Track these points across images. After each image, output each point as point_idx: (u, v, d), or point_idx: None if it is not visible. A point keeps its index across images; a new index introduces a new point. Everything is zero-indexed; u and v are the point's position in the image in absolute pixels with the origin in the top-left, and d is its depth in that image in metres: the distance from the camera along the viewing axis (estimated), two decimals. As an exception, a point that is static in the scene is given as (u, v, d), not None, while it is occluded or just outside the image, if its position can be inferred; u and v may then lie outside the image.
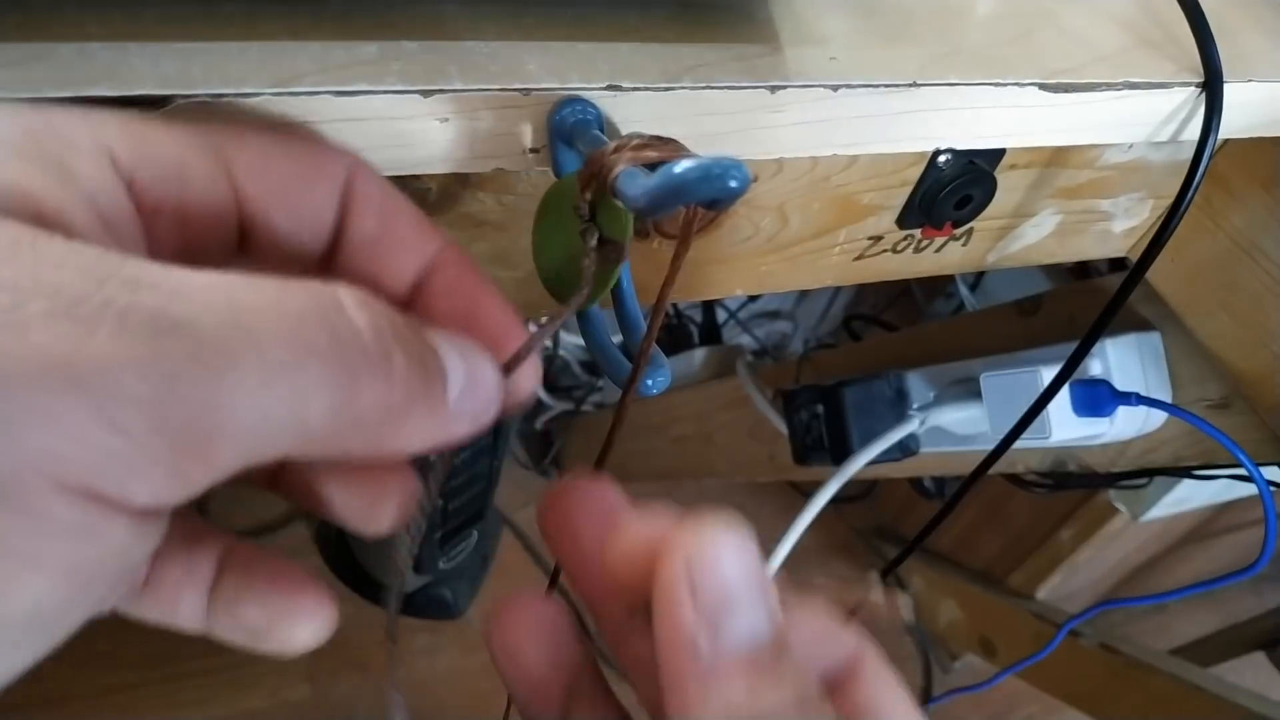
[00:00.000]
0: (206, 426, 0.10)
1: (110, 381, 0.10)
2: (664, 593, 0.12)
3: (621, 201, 0.15)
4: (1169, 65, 0.23)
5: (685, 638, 0.12)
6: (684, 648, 0.12)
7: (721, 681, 0.12)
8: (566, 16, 0.18)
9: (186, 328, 0.10)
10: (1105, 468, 0.45)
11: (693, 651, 0.12)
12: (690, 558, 0.12)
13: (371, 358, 0.12)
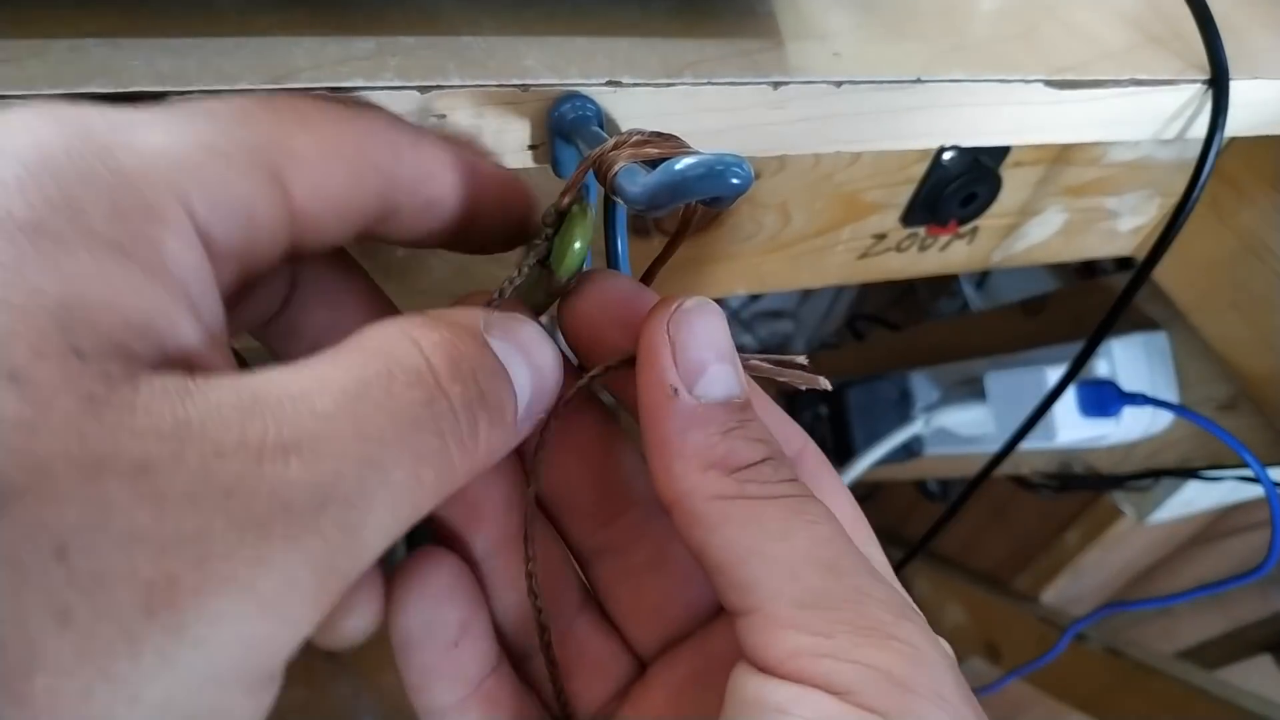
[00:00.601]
0: (354, 574, 0.11)
1: (289, 590, 0.10)
2: (647, 345, 0.13)
3: (621, 198, 0.14)
4: (1176, 62, 0.23)
5: (664, 384, 0.13)
6: (662, 393, 0.13)
7: (697, 424, 0.13)
8: (566, 11, 0.18)
9: (336, 497, 0.10)
10: (1111, 469, 0.44)
11: (669, 396, 0.13)
12: (672, 316, 0.13)
13: (464, 439, 0.12)
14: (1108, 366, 0.38)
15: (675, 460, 0.13)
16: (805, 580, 0.12)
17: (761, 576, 0.12)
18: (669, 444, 0.13)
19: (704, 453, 0.13)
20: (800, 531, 0.12)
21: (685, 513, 0.13)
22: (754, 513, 0.12)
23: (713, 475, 0.12)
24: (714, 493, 0.12)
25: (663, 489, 0.13)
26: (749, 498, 0.12)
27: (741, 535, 0.12)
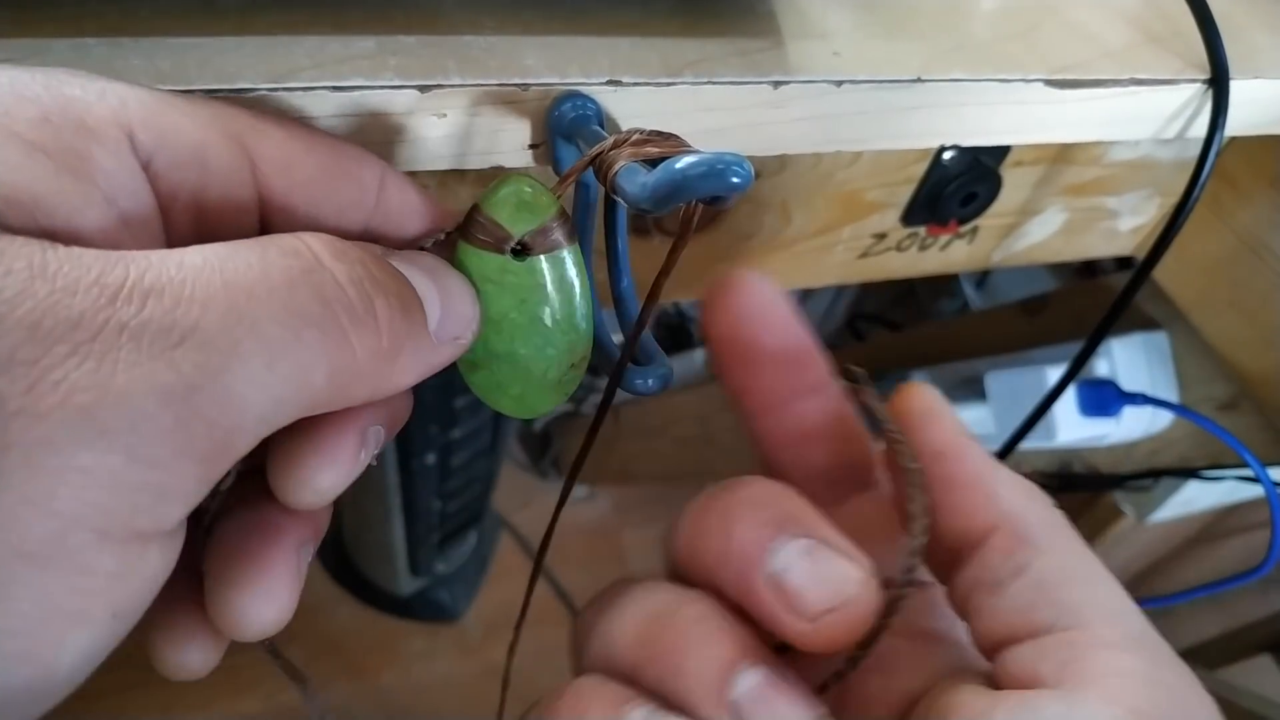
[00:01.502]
0: (226, 427, 0.11)
1: (137, 419, 0.10)
2: (926, 408, 0.14)
3: (622, 197, 0.14)
4: (1176, 61, 0.23)
5: (963, 431, 0.14)
6: (965, 437, 0.14)
7: (1000, 466, 0.14)
8: (566, 10, 0.18)
9: (194, 334, 0.10)
10: (1111, 469, 0.44)
11: (972, 439, 0.14)
12: (933, 394, 0.15)
13: (357, 312, 0.12)
14: (1108, 366, 0.38)
15: (1000, 486, 0.13)
16: (1130, 616, 0.12)
17: (1093, 600, 0.12)
18: (988, 475, 0.14)
19: (1022, 484, 0.14)
20: (1114, 578, 0.13)
21: (1013, 534, 0.13)
22: (1079, 546, 0.13)
23: (1036, 504, 0.13)
24: (1042, 518, 0.13)
25: (983, 514, 0.13)
26: (1069, 533, 0.13)
27: (1075, 561, 0.13)
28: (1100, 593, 0.13)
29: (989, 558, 0.13)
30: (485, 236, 0.15)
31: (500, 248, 0.15)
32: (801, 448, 0.16)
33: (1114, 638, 0.12)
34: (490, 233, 0.15)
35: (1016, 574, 0.13)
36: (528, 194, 0.15)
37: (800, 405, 0.15)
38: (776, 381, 0.15)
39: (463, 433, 0.71)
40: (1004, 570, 0.13)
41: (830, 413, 0.16)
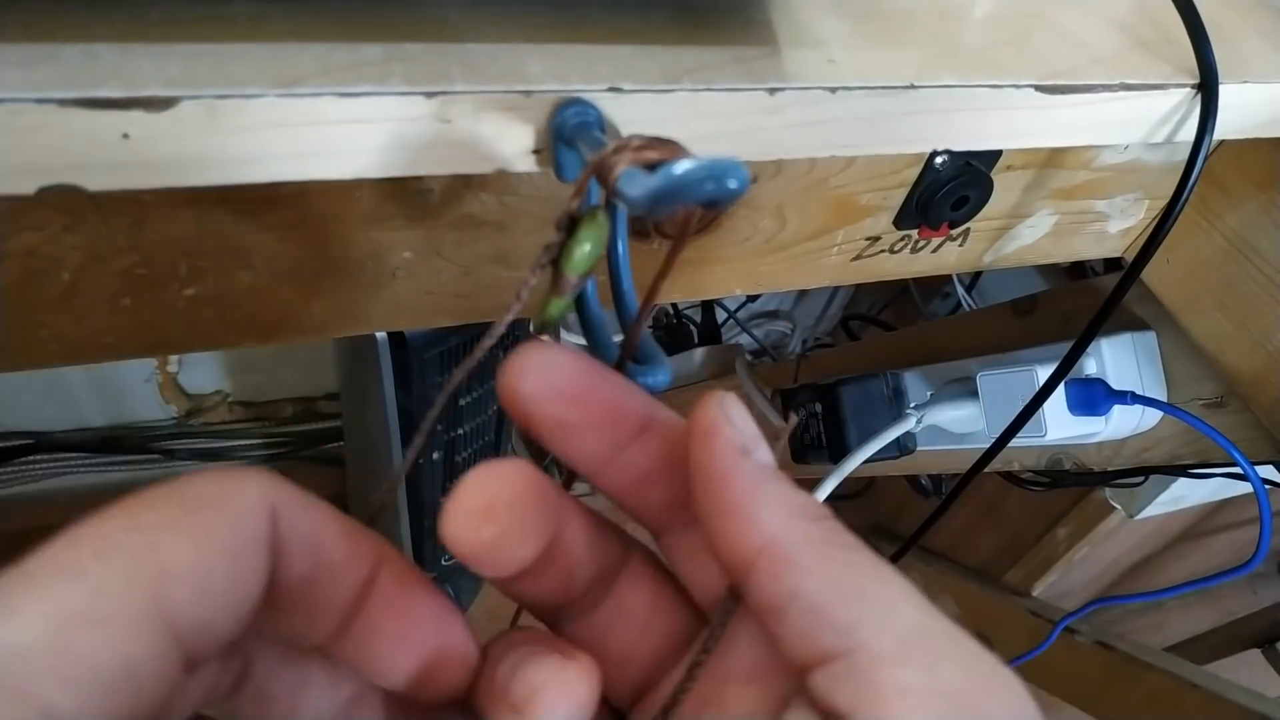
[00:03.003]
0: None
1: None
2: (706, 420, 0.14)
3: (623, 201, 0.15)
4: (1165, 66, 0.24)
5: (734, 448, 0.13)
6: (734, 455, 0.13)
7: (772, 479, 0.13)
8: (568, 19, 0.19)
9: None
10: (1101, 466, 0.45)
11: (743, 455, 0.13)
12: (723, 402, 0.14)
13: None
14: (1097, 365, 0.39)
15: (762, 509, 0.13)
16: (906, 616, 0.12)
17: (864, 615, 0.12)
18: (752, 495, 0.13)
19: (788, 501, 0.13)
20: (890, 579, 0.12)
21: (775, 558, 0.13)
22: (846, 558, 0.13)
23: (803, 522, 0.13)
24: (807, 536, 0.13)
25: (745, 540, 0.13)
26: (839, 544, 0.13)
27: (840, 577, 0.12)
28: (870, 601, 0.12)
29: (761, 584, 0.13)
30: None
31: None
32: (643, 491, 0.15)
33: (889, 649, 0.12)
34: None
35: (790, 599, 0.12)
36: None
37: (627, 455, 0.15)
38: (596, 446, 0.15)
39: (467, 430, 0.71)
40: (777, 596, 0.12)
41: (658, 451, 0.15)
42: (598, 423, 0.15)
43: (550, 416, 0.15)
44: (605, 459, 0.15)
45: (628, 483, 0.15)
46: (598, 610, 0.16)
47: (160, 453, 0.95)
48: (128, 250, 0.22)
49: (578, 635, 0.16)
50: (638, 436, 0.15)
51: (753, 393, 0.65)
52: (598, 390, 0.15)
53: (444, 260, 0.25)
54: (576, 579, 0.15)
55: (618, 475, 0.15)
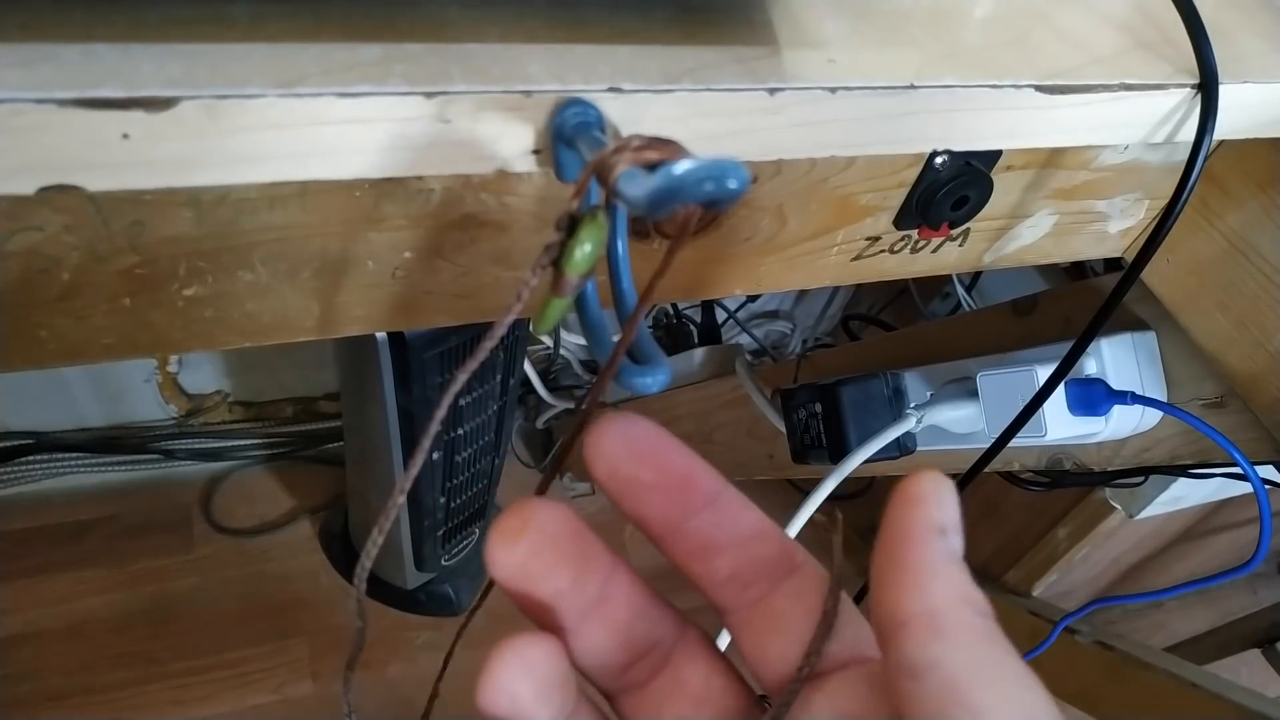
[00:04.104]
0: None
1: None
2: (920, 489, 0.15)
3: (623, 201, 0.15)
4: (1165, 67, 0.24)
5: (935, 524, 0.14)
6: (932, 530, 0.14)
7: (954, 564, 0.14)
8: (568, 19, 0.19)
9: None
10: (1101, 466, 0.45)
11: (938, 535, 0.14)
12: (939, 482, 0.15)
13: None
14: (1097, 365, 0.39)
15: (937, 582, 0.14)
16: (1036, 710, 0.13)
17: (997, 703, 0.13)
18: (932, 568, 0.14)
19: (962, 587, 0.14)
20: (1032, 681, 0.13)
21: (929, 626, 0.13)
22: (998, 653, 0.13)
23: (966, 608, 0.14)
24: (969, 622, 0.14)
25: (909, 601, 0.14)
26: (992, 638, 0.14)
27: (985, 664, 0.13)
28: (1006, 696, 0.13)
29: (908, 644, 0.13)
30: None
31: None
32: (707, 560, 0.16)
33: None
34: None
35: (931, 667, 0.13)
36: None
37: (694, 523, 0.16)
38: (666, 509, 0.16)
39: (467, 430, 0.71)
40: (920, 660, 0.13)
41: (725, 524, 0.16)
42: (670, 486, 0.16)
43: (627, 474, 0.16)
44: (674, 525, 0.16)
45: (693, 551, 0.16)
46: (653, 683, 0.17)
47: (160, 453, 0.96)
48: (127, 250, 0.22)
49: (634, 709, 0.17)
50: (705, 509, 0.16)
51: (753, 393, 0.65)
52: (672, 457, 0.16)
53: (444, 260, 0.25)
54: (628, 639, 0.16)
55: (685, 543, 0.16)
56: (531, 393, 1.01)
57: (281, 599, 0.91)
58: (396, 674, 0.88)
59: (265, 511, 0.97)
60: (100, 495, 0.94)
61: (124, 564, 0.90)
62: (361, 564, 0.16)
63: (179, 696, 0.83)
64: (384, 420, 0.68)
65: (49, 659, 0.82)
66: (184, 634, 0.86)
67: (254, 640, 0.88)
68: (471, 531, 0.87)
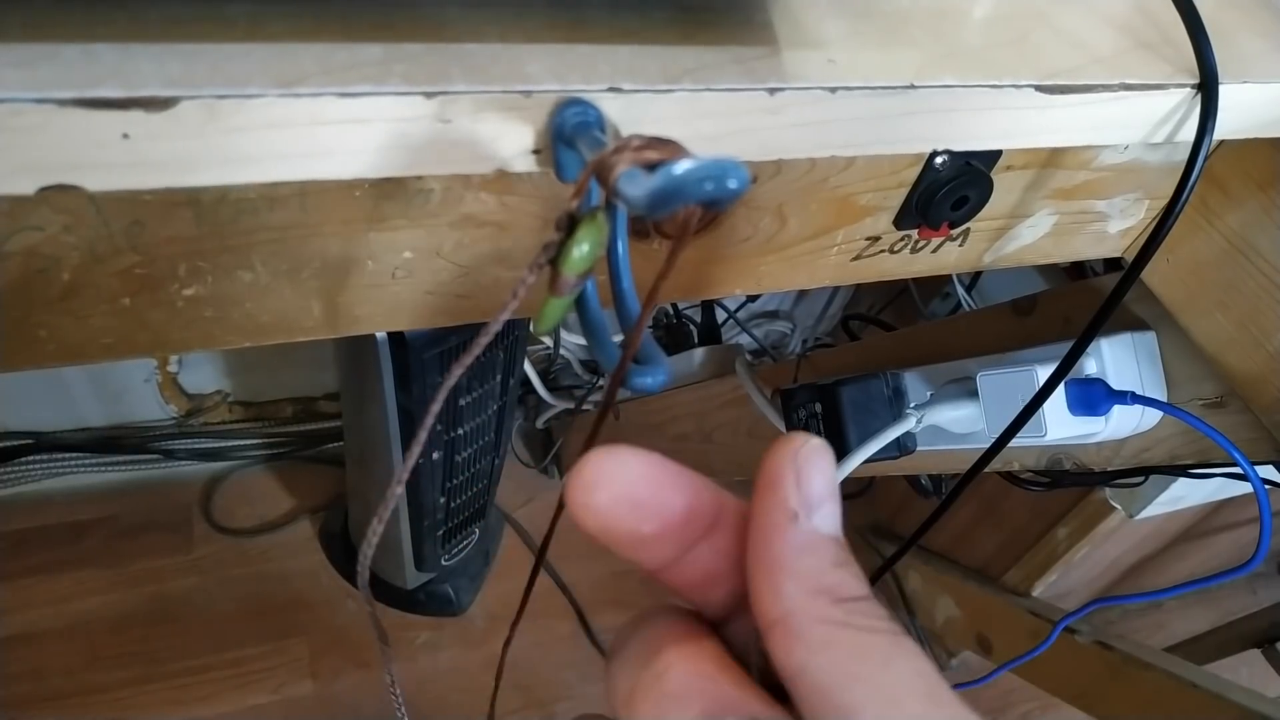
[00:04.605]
0: None
1: None
2: (773, 470, 0.14)
3: (623, 201, 0.15)
4: (1165, 67, 0.24)
5: (787, 507, 0.14)
6: (783, 515, 0.14)
7: (811, 551, 0.14)
8: (568, 19, 0.19)
9: None
10: (1101, 466, 0.45)
11: (790, 519, 0.14)
12: (799, 452, 0.14)
13: None
14: (1097, 365, 0.39)
15: (788, 580, 0.13)
16: (909, 707, 0.12)
17: (864, 700, 0.12)
18: (783, 564, 0.13)
19: (816, 578, 0.13)
20: (900, 662, 0.13)
21: (788, 632, 0.13)
22: (858, 641, 0.13)
23: (822, 600, 0.13)
24: (822, 616, 0.13)
25: (768, 606, 0.13)
26: (854, 627, 0.13)
27: (847, 660, 0.13)
28: (872, 688, 0.12)
29: (774, 652, 0.13)
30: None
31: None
32: (705, 589, 0.16)
33: None
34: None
35: (798, 674, 0.13)
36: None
37: (694, 554, 0.15)
38: (665, 549, 0.15)
39: (467, 430, 0.71)
40: (787, 667, 0.13)
41: (725, 550, 0.15)
42: (671, 532, 0.15)
43: (626, 532, 0.15)
44: (672, 561, 0.15)
45: (692, 582, 0.16)
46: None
47: (160, 453, 0.96)
48: (127, 250, 0.22)
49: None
50: (707, 535, 0.15)
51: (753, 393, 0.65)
52: (669, 494, 0.15)
53: (444, 260, 0.25)
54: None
55: (683, 575, 0.15)
56: (531, 393, 1.01)
57: (281, 599, 0.91)
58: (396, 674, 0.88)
59: (265, 511, 0.97)
60: (100, 495, 0.94)
61: (124, 564, 0.90)
62: (363, 553, 0.16)
63: (179, 696, 0.83)
64: (384, 420, 0.68)
65: (49, 659, 0.82)
66: (184, 634, 0.86)
67: (254, 640, 0.88)
68: (471, 531, 0.87)
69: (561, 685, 0.91)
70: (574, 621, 0.97)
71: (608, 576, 1.01)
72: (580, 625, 0.96)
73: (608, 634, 0.96)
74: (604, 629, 0.96)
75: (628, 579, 1.01)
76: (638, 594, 1.00)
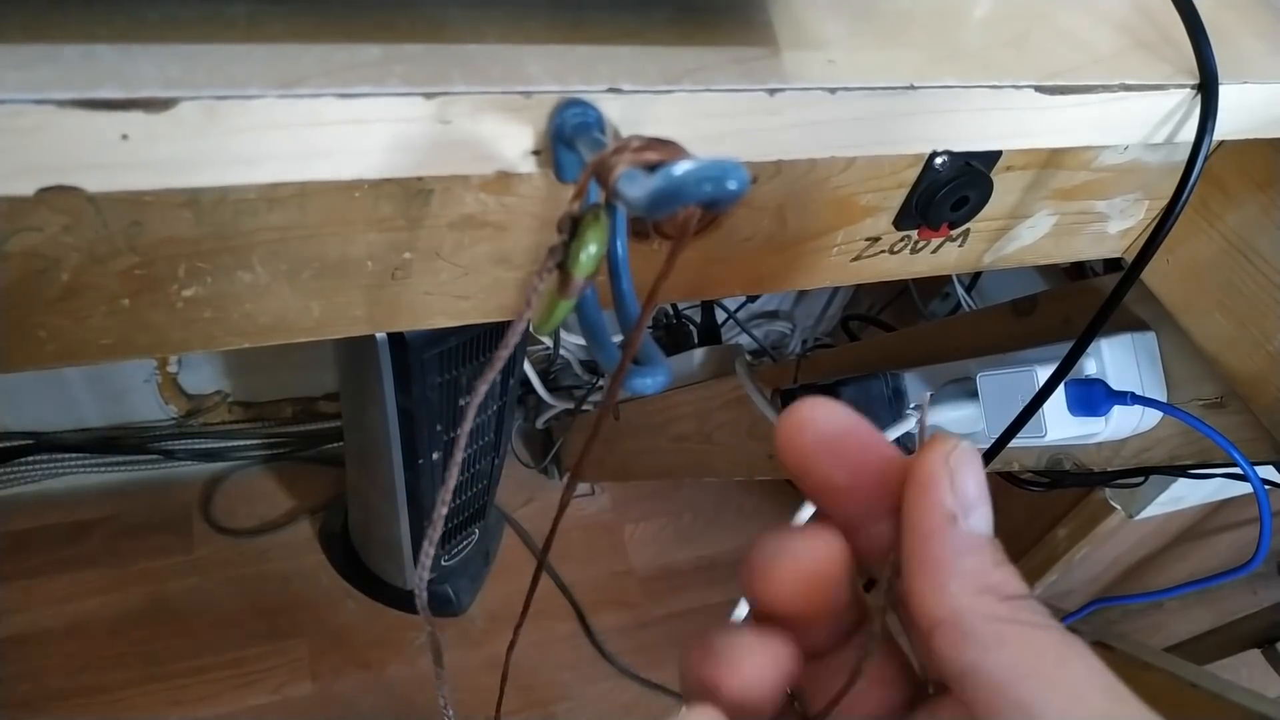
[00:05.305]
0: None
1: None
2: (927, 472, 0.14)
3: (622, 202, 0.15)
4: (1165, 67, 0.24)
5: (944, 509, 0.14)
6: (941, 517, 0.14)
7: (972, 551, 0.14)
8: (567, 20, 0.19)
9: None
10: (1101, 466, 0.45)
11: (949, 521, 0.14)
12: (951, 455, 0.14)
13: None
14: (1097, 366, 0.39)
15: (952, 580, 0.13)
16: (1091, 702, 0.12)
17: (1045, 696, 0.12)
18: (946, 564, 0.13)
19: (980, 577, 0.13)
20: (1075, 660, 0.13)
21: (957, 630, 0.13)
22: (1030, 637, 0.13)
23: (989, 599, 0.13)
24: (991, 614, 0.13)
25: (932, 606, 0.13)
26: (1023, 623, 0.13)
27: (1021, 656, 0.13)
28: (1051, 683, 0.12)
29: (940, 652, 0.13)
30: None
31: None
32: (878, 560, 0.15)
33: None
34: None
35: (969, 673, 0.13)
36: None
37: (879, 528, 0.15)
38: (855, 509, 0.15)
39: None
40: (955, 666, 0.13)
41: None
42: (863, 489, 0.15)
43: (822, 476, 0.15)
44: (857, 528, 0.15)
45: (875, 552, 0.15)
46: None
47: (160, 453, 0.96)
48: (127, 251, 0.22)
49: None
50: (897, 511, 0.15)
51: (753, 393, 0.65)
52: (869, 452, 0.15)
53: (444, 260, 0.25)
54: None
55: (867, 543, 0.15)
56: (531, 393, 1.01)
57: (281, 599, 0.91)
58: (396, 674, 0.88)
59: (265, 511, 0.97)
60: (100, 495, 0.94)
61: (124, 564, 0.90)
62: (419, 575, 0.16)
63: (179, 696, 0.83)
64: (384, 420, 0.68)
65: (49, 659, 0.82)
66: (184, 634, 0.86)
67: (254, 640, 0.88)
68: (471, 532, 0.87)
69: (561, 685, 0.91)
70: (574, 621, 0.97)
71: (608, 576, 1.01)
72: (580, 625, 0.96)
73: (608, 634, 0.96)
74: (604, 629, 0.96)
75: (628, 579, 1.01)
76: (638, 594, 1.00)
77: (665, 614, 0.99)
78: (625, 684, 0.93)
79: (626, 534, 1.05)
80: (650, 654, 0.95)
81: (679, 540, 1.06)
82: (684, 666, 0.15)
